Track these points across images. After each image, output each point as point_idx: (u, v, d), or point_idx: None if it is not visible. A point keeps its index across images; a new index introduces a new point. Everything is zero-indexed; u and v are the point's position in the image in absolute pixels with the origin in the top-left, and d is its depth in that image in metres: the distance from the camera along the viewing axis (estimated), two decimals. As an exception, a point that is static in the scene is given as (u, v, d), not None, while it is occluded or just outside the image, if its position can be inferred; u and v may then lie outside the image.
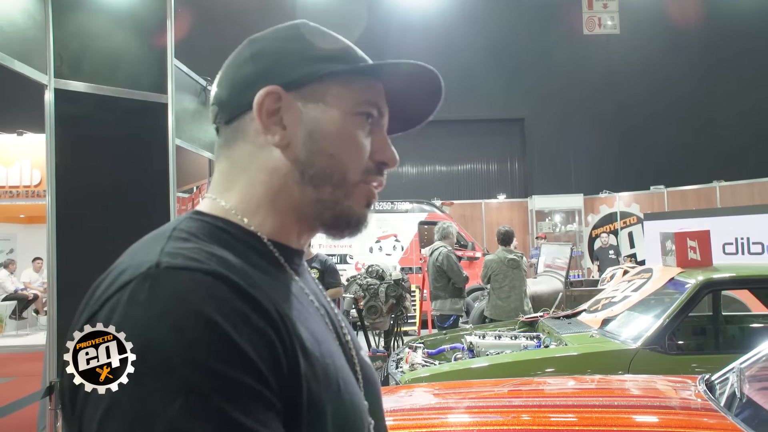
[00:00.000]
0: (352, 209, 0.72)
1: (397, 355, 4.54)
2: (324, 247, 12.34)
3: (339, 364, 0.66)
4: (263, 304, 0.57)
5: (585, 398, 2.71)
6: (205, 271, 0.55)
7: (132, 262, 0.57)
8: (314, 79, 0.70)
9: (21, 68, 3.10)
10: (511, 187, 16.31)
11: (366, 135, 0.73)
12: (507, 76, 15.75)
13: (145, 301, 0.53)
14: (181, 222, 0.66)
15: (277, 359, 0.55)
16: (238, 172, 0.72)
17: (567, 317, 4.64)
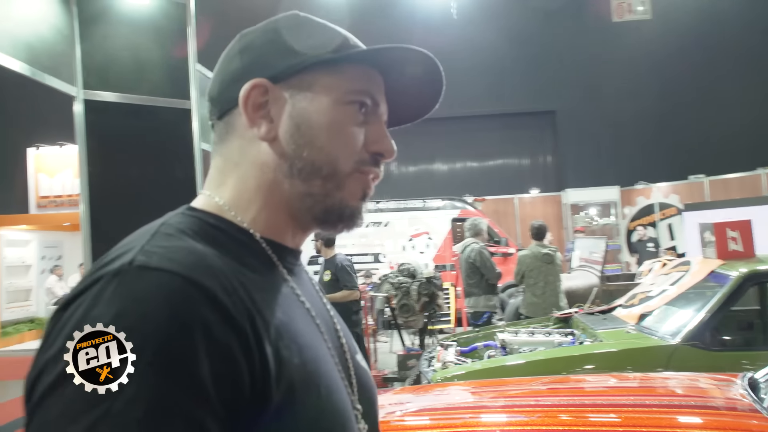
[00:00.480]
0: (344, 201, 0.70)
1: (430, 353, 4.52)
2: (356, 246, 12.44)
3: (324, 370, 0.64)
4: (232, 312, 0.55)
5: (626, 397, 2.63)
6: (176, 273, 0.54)
7: (111, 257, 0.57)
8: (301, 69, 0.69)
9: (51, 81, 3.17)
10: (544, 180, 16.06)
11: (358, 125, 0.70)
12: (536, 69, 15.50)
13: (108, 300, 0.52)
14: (172, 217, 0.65)
15: (236, 373, 0.53)
16: (231, 168, 0.71)
17: (602, 313, 4.54)
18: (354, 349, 0.78)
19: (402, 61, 0.72)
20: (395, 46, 0.69)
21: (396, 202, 12.51)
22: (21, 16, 3.07)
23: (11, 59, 2.92)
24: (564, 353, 3.76)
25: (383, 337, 9.80)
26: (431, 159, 16.66)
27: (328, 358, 0.67)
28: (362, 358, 0.80)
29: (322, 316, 0.74)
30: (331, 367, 0.66)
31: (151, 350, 0.50)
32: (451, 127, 16.04)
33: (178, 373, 0.50)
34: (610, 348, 3.70)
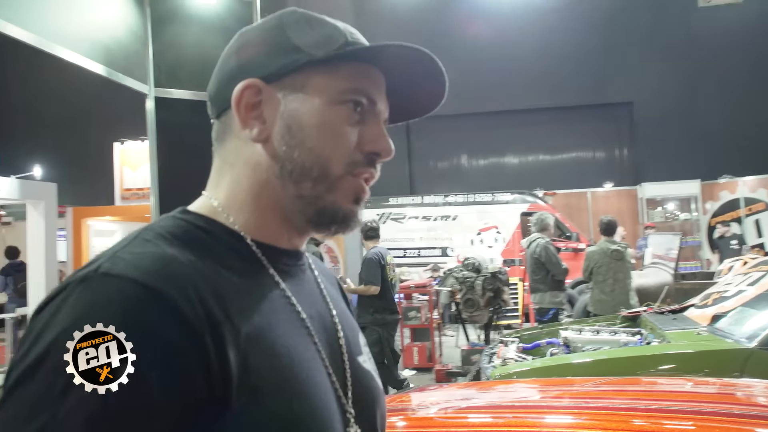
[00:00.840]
0: (336, 204, 0.69)
1: (491, 349, 4.47)
2: (424, 239, 12.43)
3: (304, 376, 0.63)
4: (190, 319, 0.55)
5: (705, 404, 2.46)
6: (136, 281, 0.55)
7: (90, 262, 0.59)
8: (293, 69, 0.68)
9: (125, 81, 3.35)
10: (620, 174, 15.45)
11: (353, 125, 0.69)
12: (612, 58, 14.90)
13: (70, 306, 0.54)
14: (160, 221, 0.67)
15: (186, 380, 0.54)
16: (226, 169, 0.71)
17: (673, 312, 4.34)
18: (356, 351, 0.77)
19: (399, 58, 0.70)
20: (386, 45, 0.67)
21: (464, 196, 12.40)
22: (98, 20, 3.25)
23: (89, 61, 3.10)
24: (631, 353, 3.62)
25: (450, 331, 9.77)
26: (502, 152, 16.41)
27: (312, 363, 0.66)
28: (367, 359, 0.79)
29: (320, 317, 0.73)
30: (314, 373, 0.65)
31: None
32: (523, 119, 15.74)
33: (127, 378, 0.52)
34: (679, 349, 3.53)
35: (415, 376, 7.09)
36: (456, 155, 16.69)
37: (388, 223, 12.39)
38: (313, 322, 0.70)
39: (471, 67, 15.22)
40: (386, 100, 0.73)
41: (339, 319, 0.76)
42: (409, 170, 16.55)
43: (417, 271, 11.44)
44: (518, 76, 15.12)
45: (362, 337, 0.83)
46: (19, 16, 2.60)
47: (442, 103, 0.77)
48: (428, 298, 7.65)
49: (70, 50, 2.94)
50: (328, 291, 0.79)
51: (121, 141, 12.43)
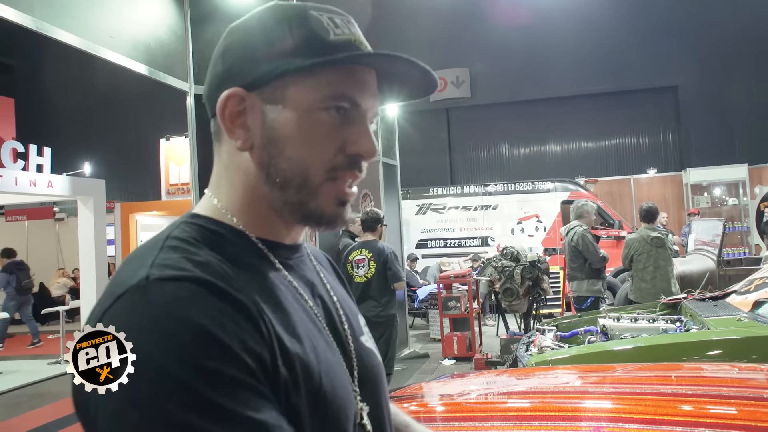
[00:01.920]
0: (319, 209, 0.71)
1: (529, 338, 4.47)
2: (465, 229, 12.41)
3: (323, 357, 0.67)
4: (246, 304, 0.60)
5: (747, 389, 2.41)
6: (191, 279, 0.58)
7: (125, 275, 0.61)
8: (273, 78, 0.68)
9: (166, 79, 3.47)
10: (664, 160, 15.07)
11: (335, 128, 0.69)
12: (656, 41, 14.48)
13: (137, 312, 0.56)
14: (176, 228, 0.69)
15: (261, 355, 0.59)
16: (223, 170, 0.74)
17: (713, 299, 4.26)
18: (358, 332, 0.81)
19: (377, 60, 0.70)
20: (356, 54, 0.69)
21: (505, 185, 12.31)
22: (140, 21, 3.38)
23: (132, 61, 3.24)
24: (671, 340, 3.58)
25: (490, 320, 9.76)
26: (543, 140, 16.18)
27: (325, 345, 0.70)
28: (368, 338, 0.83)
29: (323, 304, 0.77)
30: (328, 354, 0.69)
31: (197, 345, 0.55)
32: (564, 106, 15.47)
33: (225, 357, 0.55)
34: (720, 336, 3.47)
35: (455, 365, 7.13)
36: (496, 144, 16.54)
37: (429, 214, 12.40)
38: (318, 309, 0.75)
39: (510, 55, 15.06)
40: (374, 96, 0.73)
41: (339, 303, 0.80)
42: (450, 160, 16.49)
43: (457, 261, 11.44)
44: (559, 62, 14.86)
45: (361, 318, 0.86)
46: (66, 22, 2.74)
47: (434, 91, 0.77)
48: (468, 287, 7.66)
49: (114, 51, 3.08)
50: (326, 278, 0.83)
51: (166, 137, 12.72)
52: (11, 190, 7.53)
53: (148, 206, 12.94)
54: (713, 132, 14.14)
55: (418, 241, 12.36)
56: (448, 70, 15.57)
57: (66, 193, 8.52)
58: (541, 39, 14.85)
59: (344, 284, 0.92)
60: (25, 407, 6.47)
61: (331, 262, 0.94)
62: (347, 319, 0.79)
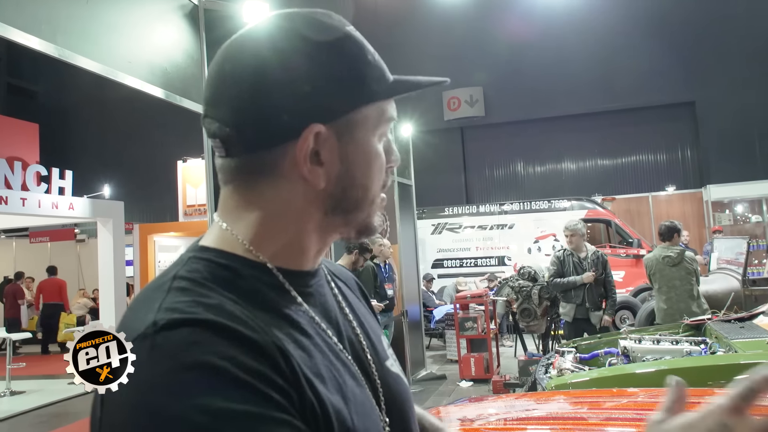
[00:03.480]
0: (370, 220, 0.72)
1: (548, 359, 4.39)
2: (480, 249, 12.34)
3: (350, 395, 0.65)
4: (261, 343, 0.57)
5: None
6: (200, 322, 0.55)
7: (132, 321, 0.58)
8: (349, 110, 0.67)
9: (182, 102, 3.51)
10: (683, 177, 14.90)
11: (381, 149, 0.72)
12: (674, 57, 14.41)
13: (146, 362, 0.54)
14: (183, 265, 0.65)
15: (288, 392, 0.56)
16: (255, 204, 0.68)
17: (740, 320, 4.16)
18: (383, 356, 0.77)
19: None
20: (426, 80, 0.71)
21: (521, 204, 12.26)
22: (157, 46, 3.43)
23: (149, 85, 3.28)
24: (697, 363, 3.50)
25: (507, 341, 9.64)
26: (559, 158, 16.11)
27: (352, 380, 0.67)
28: (394, 362, 0.80)
29: (345, 332, 0.74)
30: (356, 390, 0.66)
31: (215, 390, 0.52)
32: (580, 123, 15.42)
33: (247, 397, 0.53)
34: (749, 359, 3.38)
35: (472, 387, 7.03)
36: (511, 162, 16.50)
37: (444, 233, 12.37)
38: (341, 338, 0.71)
39: (523, 73, 15.08)
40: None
41: (360, 327, 0.77)
42: (465, 179, 16.47)
43: (474, 281, 11.36)
44: (573, 79, 14.85)
45: (385, 339, 0.83)
46: (87, 48, 2.79)
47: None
48: (484, 308, 7.58)
49: (132, 76, 3.12)
50: (347, 300, 0.80)
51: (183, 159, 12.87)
52: (35, 212, 7.65)
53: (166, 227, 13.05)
54: (733, 147, 13.97)
55: (434, 260, 12.31)
56: (461, 89, 15.62)
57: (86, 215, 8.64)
58: (555, 56, 14.86)
59: (368, 303, 0.88)
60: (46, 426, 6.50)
61: (355, 280, 0.91)
62: (370, 345, 0.76)
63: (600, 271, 5.78)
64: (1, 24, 2.31)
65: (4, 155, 7.71)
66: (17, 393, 7.89)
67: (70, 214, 8.30)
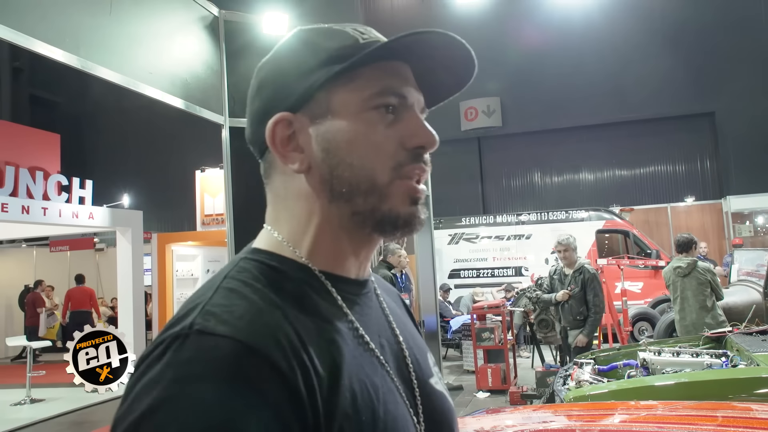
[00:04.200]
0: (393, 211, 0.68)
1: (566, 371, 4.35)
2: (498, 259, 12.29)
3: (384, 410, 0.64)
4: (286, 373, 0.56)
5: None
6: (230, 338, 0.56)
7: (180, 316, 0.60)
8: (314, 92, 0.67)
9: (202, 113, 3.55)
10: (702, 187, 14.72)
11: (388, 126, 0.68)
12: (692, 67, 14.28)
13: (166, 364, 0.55)
14: (235, 266, 0.66)
15: (291, 424, 0.55)
16: (280, 203, 0.72)
17: (761, 333, 4.10)
18: (427, 373, 0.76)
19: (415, 45, 0.68)
20: (394, 39, 0.66)
21: (538, 214, 12.20)
22: (177, 57, 3.48)
23: (170, 96, 3.32)
24: (717, 376, 3.45)
25: (525, 352, 9.56)
26: (576, 168, 16.00)
27: (389, 396, 0.66)
28: (438, 380, 0.78)
29: (389, 344, 0.73)
30: (392, 406, 0.65)
31: (207, 414, 0.52)
32: (598, 133, 15.33)
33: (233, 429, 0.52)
34: (770, 373, 3.33)
35: (489, 398, 6.98)
36: (528, 173, 16.43)
37: (461, 244, 12.33)
38: (383, 351, 0.70)
39: (541, 83, 15.05)
40: (417, 89, 0.72)
41: (406, 342, 0.76)
42: (482, 189, 16.43)
43: (491, 291, 11.30)
44: (591, 89, 14.78)
45: (431, 356, 0.82)
46: (109, 60, 2.84)
47: (474, 73, 0.74)
48: (502, 318, 7.53)
49: (153, 87, 3.17)
50: (393, 314, 0.79)
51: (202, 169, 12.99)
52: (56, 221, 7.78)
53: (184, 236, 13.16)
54: (753, 158, 13.78)
55: (450, 271, 12.27)
56: (479, 100, 15.62)
57: (106, 224, 8.75)
58: (572, 67, 14.81)
59: (413, 319, 0.87)
60: (65, 435, 6.58)
61: (399, 296, 0.89)
62: (414, 361, 0.75)
63: (578, 288, 5.57)
64: (27, 36, 2.36)
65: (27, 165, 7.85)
66: (37, 401, 7.97)
67: (89, 223, 8.42)
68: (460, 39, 0.69)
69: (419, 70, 0.72)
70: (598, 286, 5.63)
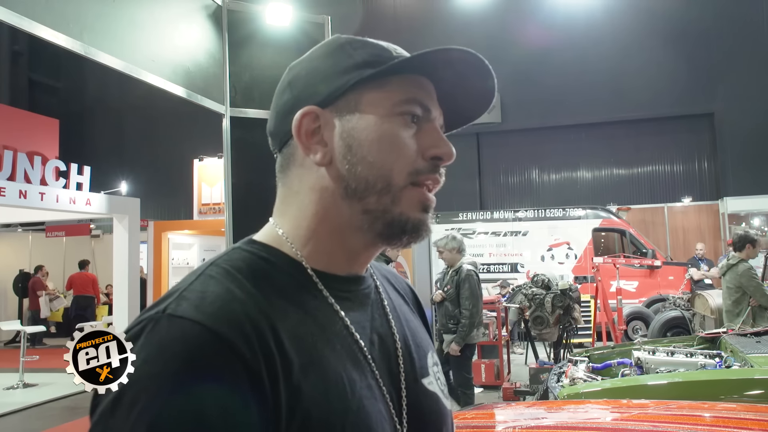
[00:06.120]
0: (403, 215, 0.70)
1: (560, 368, 4.38)
2: (494, 255, 12.30)
3: (356, 406, 0.65)
4: (247, 357, 0.58)
5: None
6: (197, 322, 0.58)
7: (160, 300, 0.63)
8: (346, 90, 0.70)
9: (203, 102, 3.54)
10: (699, 188, 14.75)
11: (411, 134, 0.71)
12: (692, 68, 14.27)
13: (141, 345, 0.58)
14: (226, 254, 0.70)
15: (243, 414, 0.56)
16: (291, 197, 0.73)
17: (756, 335, 4.12)
18: (422, 373, 0.77)
19: (443, 62, 0.71)
20: (427, 51, 0.68)
21: (535, 211, 12.21)
22: (180, 45, 3.47)
23: (171, 84, 3.31)
24: (710, 376, 3.47)
25: (519, 348, 9.60)
26: (574, 166, 16.01)
27: (367, 392, 0.67)
28: (434, 380, 0.78)
29: (381, 342, 0.73)
30: (369, 401, 0.66)
31: (169, 391, 0.55)
32: (596, 132, 15.34)
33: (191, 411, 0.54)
34: (763, 374, 3.34)
35: (482, 393, 7.01)
36: (526, 170, 16.44)
37: (457, 239, 12.33)
38: (372, 347, 0.71)
39: (541, 80, 15.04)
40: (439, 107, 0.75)
41: (403, 341, 0.76)
42: (479, 185, 16.44)
43: (486, 288, 11.33)
44: (590, 88, 14.77)
45: (432, 356, 0.81)
46: (112, 46, 2.82)
47: (493, 101, 0.77)
48: (497, 314, 7.56)
49: (155, 75, 3.16)
50: (395, 311, 0.79)
51: (200, 158, 12.95)
52: (53, 207, 7.75)
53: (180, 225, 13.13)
54: (751, 160, 13.81)
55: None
56: (479, 96, 15.58)
57: (103, 210, 8.72)
58: (573, 65, 14.80)
59: (422, 316, 0.88)
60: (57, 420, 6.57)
61: (411, 290, 0.90)
62: (408, 360, 0.75)
63: (452, 288, 5.26)
64: (31, 21, 2.35)
65: (25, 150, 7.82)
66: (30, 385, 7.98)
67: (87, 209, 8.39)
68: (487, 64, 0.72)
69: (442, 92, 0.75)
70: (472, 287, 5.23)
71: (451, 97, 0.76)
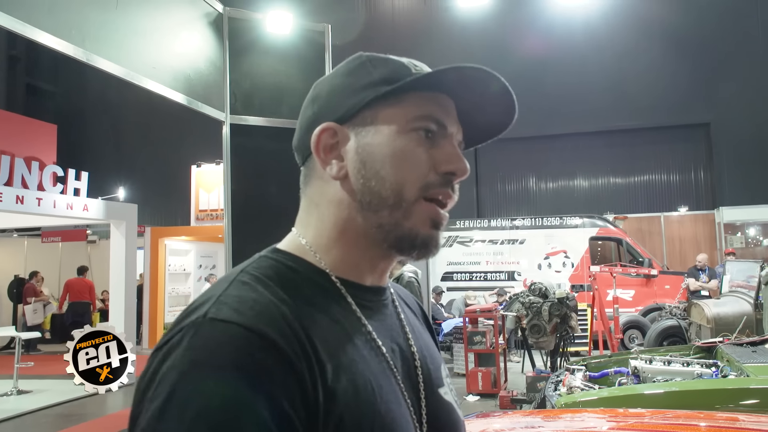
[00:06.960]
0: (413, 230, 0.72)
1: (557, 377, 4.38)
2: (491, 263, 12.31)
3: (384, 409, 0.66)
4: (291, 356, 0.60)
5: None
6: (240, 325, 0.60)
7: (197, 305, 0.64)
8: (362, 107, 0.72)
9: (203, 109, 3.55)
10: (696, 198, 14.82)
11: (424, 150, 0.72)
12: (690, 78, 14.38)
13: (185, 349, 0.59)
14: (254, 261, 0.71)
15: (294, 410, 0.58)
16: (313, 208, 0.76)
17: (752, 344, 4.13)
18: (437, 383, 0.79)
19: (462, 79, 0.72)
20: (445, 68, 0.70)
21: (532, 219, 12.23)
22: (181, 53, 3.48)
23: (172, 91, 3.32)
24: (707, 386, 3.47)
25: (515, 357, 9.59)
26: (571, 175, 16.07)
27: (393, 396, 0.69)
28: (449, 391, 0.80)
29: (400, 351, 0.75)
30: (395, 406, 0.68)
31: (221, 394, 0.56)
32: (593, 141, 15.40)
33: (247, 411, 0.56)
34: (760, 384, 3.35)
35: (479, 401, 7.00)
36: (524, 178, 16.49)
37: (455, 247, 12.34)
38: (394, 356, 0.73)
39: (539, 89, 15.10)
40: (458, 123, 0.76)
41: (419, 351, 0.78)
42: (476, 193, 16.47)
43: (483, 295, 11.32)
44: (588, 97, 14.85)
45: (445, 368, 0.84)
46: (113, 53, 2.84)
47: (514, 119, 0.78)
48: (494, 322, 7.56)
49: (155, 82, 3.17)
50: (410, 324, 0.81)
51: (198, 164, 12.91)
52: (50, 212, 7.74)
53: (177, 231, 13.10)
54: (747, 170, 13.90)
55: (443, 273, 12.28)
56: (477, 104, 15.64)
57: (100, 216, 8.71)
58: (571, 74, 14.88)
59: (431, 330, 0.90)
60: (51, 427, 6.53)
61: (420, 307, 0.92)
62: (425, 369, 0.77)
63: None
64: (33, 28, 2.36)
65: (22, 155, 7.81)
66: (24, 392, 7.92)
67: (84, 215, 8.39)
68: (503, 81, 0.73)
69: (463, 108, 0.76)
70: (414, 293, 4.90)
71: (472, 113, 0.77)
